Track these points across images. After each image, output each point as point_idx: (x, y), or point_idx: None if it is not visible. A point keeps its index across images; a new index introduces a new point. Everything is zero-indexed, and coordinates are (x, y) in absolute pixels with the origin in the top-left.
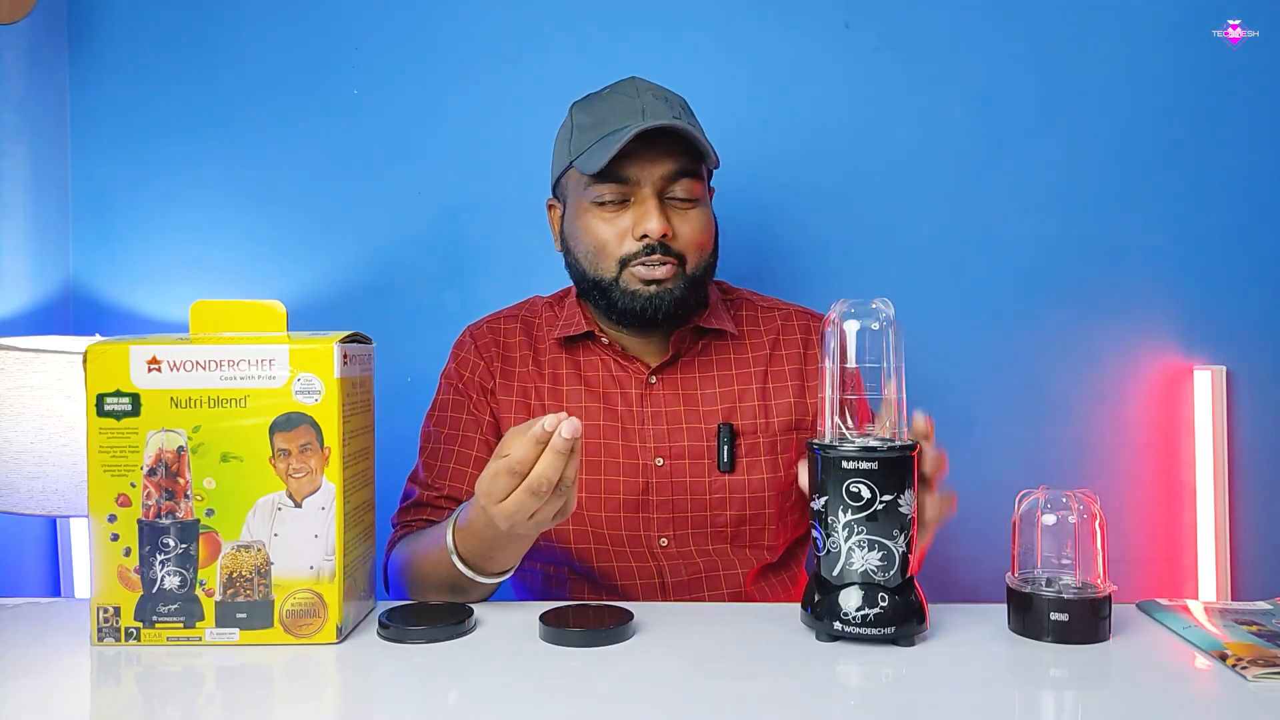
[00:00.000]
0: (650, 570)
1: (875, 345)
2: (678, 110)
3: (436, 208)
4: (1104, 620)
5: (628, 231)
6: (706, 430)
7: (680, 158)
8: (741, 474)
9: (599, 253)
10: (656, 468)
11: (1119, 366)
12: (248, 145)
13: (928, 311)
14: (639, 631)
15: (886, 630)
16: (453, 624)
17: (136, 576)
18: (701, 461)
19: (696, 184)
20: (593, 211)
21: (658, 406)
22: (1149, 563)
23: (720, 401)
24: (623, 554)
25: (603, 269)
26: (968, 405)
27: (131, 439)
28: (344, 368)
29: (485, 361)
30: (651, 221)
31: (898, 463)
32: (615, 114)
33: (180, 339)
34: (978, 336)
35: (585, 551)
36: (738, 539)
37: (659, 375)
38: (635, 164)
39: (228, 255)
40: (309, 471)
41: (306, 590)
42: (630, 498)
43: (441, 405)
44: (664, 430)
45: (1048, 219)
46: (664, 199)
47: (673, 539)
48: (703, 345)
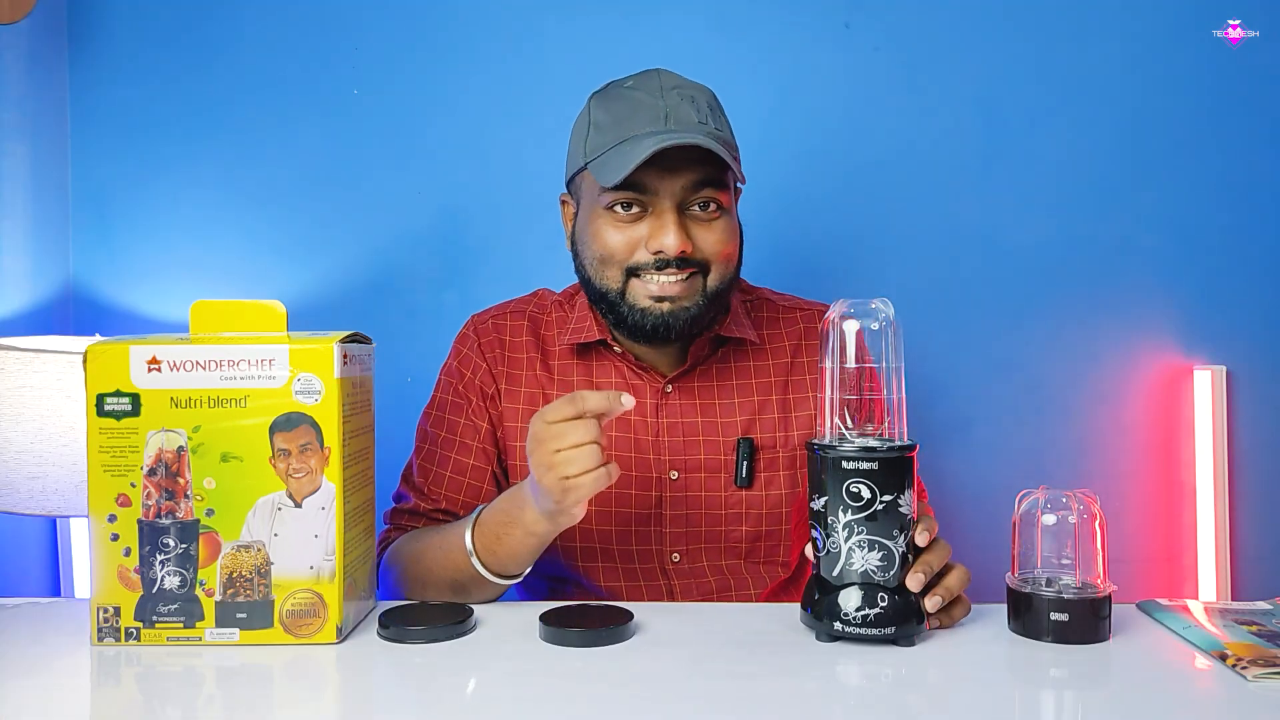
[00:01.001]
0: (660, 589)
1: (875, 345)
2: (704, 113)
3: (436, 207)
4: (1104, 620)
5: (640, 242)
6: (724, 443)
7: (704, 168)
8: (759, 489)
9: (605, 261)
10: (670, 481)
11: (1119, 366)
12: (248, 145)
13: (927, 311)
14: (639, 631)
15: (886, 630)
16: (453, 624)
17: (136, 576)
18: (718, 475)
19: (722, 193)
20: (605, 218)
21: (673, 418)
22: (1149, 562)
23: (739, 413)
24: (632, 571)
25: (608, 278)
26: (967, 405)
27: (131, 439)
28: (344, 368)
29: (488, 363)
30: (668, 237)
31: (897, 463)
32: (637, 116)
33: (180, 339)
34: (977, 336)
35: (592, 568)
36: (752, 555)
37: (675, 385)
38: (654, 174)
39: (228, 255)
40: (309, 471)
41: (306, 590)
42: (642, 512)
43: (439, 405)
44: (679, 443)
45: (1048, 218)
46: (684, 210)
47: (685, 555)
48: (721, 353)
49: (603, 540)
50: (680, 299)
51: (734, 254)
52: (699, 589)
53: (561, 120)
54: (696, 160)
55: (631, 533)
